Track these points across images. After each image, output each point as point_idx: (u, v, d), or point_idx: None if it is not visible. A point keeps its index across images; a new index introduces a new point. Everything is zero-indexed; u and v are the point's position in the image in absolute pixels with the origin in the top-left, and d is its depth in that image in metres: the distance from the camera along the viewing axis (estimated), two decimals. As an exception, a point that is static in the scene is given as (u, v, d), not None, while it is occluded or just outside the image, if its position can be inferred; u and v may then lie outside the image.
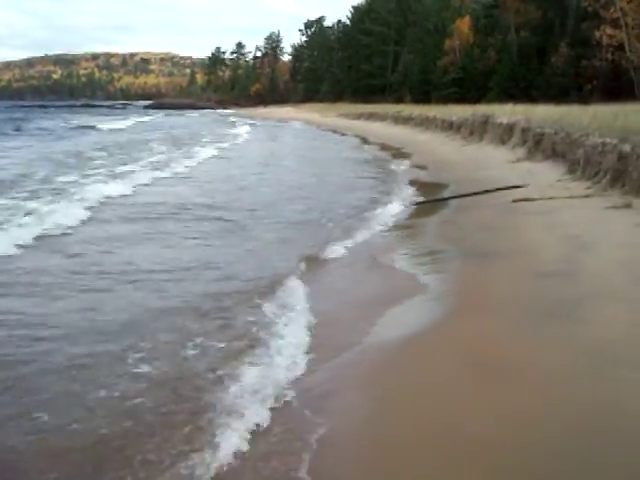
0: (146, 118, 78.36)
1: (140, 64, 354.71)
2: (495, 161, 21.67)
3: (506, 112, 27.82)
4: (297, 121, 71.69)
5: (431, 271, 9.53)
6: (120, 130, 50.61)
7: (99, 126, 54.16)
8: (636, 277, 8.00)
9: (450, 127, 34.81)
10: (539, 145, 20.71)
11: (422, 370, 6.16)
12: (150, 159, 25.86)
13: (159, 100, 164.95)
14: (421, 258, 10.34)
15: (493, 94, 48.90)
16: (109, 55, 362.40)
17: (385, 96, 75.73)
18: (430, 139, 34.65)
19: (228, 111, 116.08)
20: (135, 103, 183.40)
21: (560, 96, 38.34)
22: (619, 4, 36.62)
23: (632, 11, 36.50)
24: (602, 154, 14.74)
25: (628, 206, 11.95)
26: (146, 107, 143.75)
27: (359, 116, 61.66)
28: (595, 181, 14.60)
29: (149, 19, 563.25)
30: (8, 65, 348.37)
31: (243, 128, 57.15)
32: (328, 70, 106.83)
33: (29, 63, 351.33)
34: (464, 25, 61.29)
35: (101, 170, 21.49)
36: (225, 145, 36.34)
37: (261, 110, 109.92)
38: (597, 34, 37.62)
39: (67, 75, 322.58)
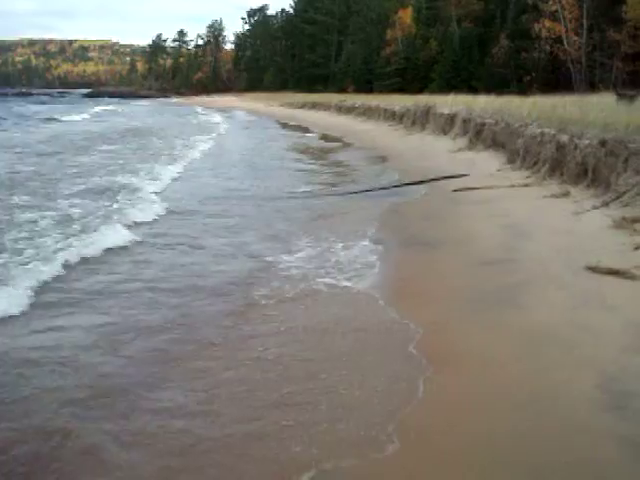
0: (97, 109, 74.79)
1: (79, 51, 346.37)
2: (437, 151, 21.81)
3: (448, 102, 28.04)
4: (242, 111, 70.96)
5: (374, 259, 9.47)
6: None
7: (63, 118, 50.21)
8: (573, 263, 8.10)
9: (393, 117, 34.94)
10: (480, 135, 20.92)
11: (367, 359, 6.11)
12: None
13: (99, 88, 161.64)
14: (363, 247, 10.28)
15: (435, 85, 49.33)
16: (46, 42, 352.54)
17: (328, 85, 75.73)
18: (373, 129, 34.69)
19: (173, 100, 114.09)
20: (74, 91, 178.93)
21: (500, 87, 38.88)
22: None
23: (569, 4, 37.22)
24: (541, 144, 14.95)
25: (566, 195, 12.14)
26: (85, 95, 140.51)
27: (302, 105, 61.49)
28: (534, 170, 14.80)
29: (89, 5, 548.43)
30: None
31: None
32: (272, 59, 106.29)
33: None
34: (406, 16, 61.65)
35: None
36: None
37: (205, 99, 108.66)
38: (536, 27, 38.24)
39: (2, 62, 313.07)
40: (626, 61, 33.96)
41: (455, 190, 14.37)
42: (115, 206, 12.95)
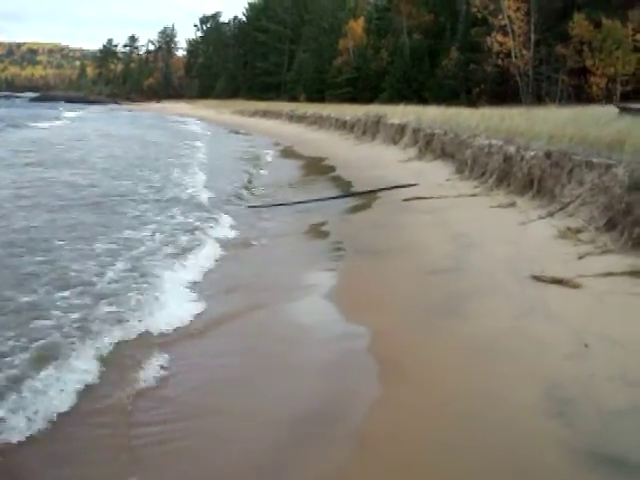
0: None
1: (27, 54, 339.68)
2: (387, 160, 21.95)
3: (398, 113, 28.28)
4: (193, 118, 70.23)
5: (322, 268, 9.47)
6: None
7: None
8: (519, 272, 8.21)
9: (344, 126, 35.11)
10: (429, 145, 21.14)
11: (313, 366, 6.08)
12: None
13: (47, 92, 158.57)
14: (312, 255, 10.27)
15: (386, 95, 49.66)
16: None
17: (280, 94, 75.74)
18: (324, 137, 34.81)
19: (123, 106, 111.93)
20: (21, 95, 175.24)
21: (450, 98, 39.38)
22: (506, 12, 37.99)
23: (518, 19, 37.91)
24: (489, 155, 15.17)
25: (512, 205, 12.31)
26: (32, 99, 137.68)
27: (254, 113, 61.43)
28: (482, 181, 15.00)
29: (38, 7, 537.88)
30: None
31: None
32: (224, 66, 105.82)
33: None
34: (358, 26, 62.00)
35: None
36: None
37: (155, 105, 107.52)
38: (489, 40, 38.86)
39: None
40: (571, 75, 34.74)
41: (405, 199, 14.45)
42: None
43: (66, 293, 7.71)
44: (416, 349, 6.36)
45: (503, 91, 38.78)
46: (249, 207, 15.12)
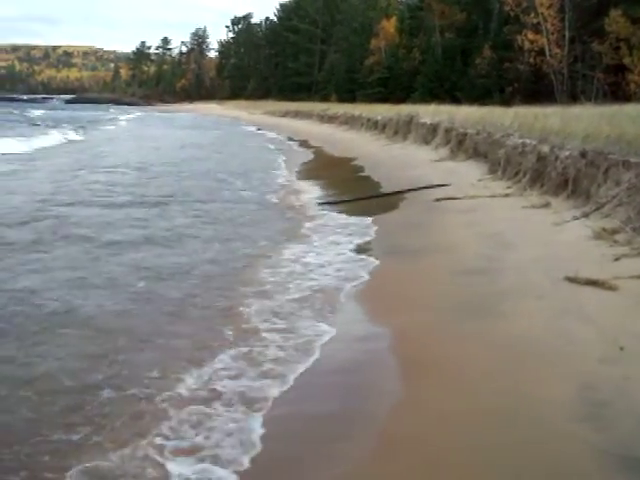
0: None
1: (62, 57, 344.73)
2: (419, 160, 21.84)
3: (430, 112, 28.12)
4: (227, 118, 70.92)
5: (356, 268, 9.45)
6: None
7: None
8: (552, 274, 8.11)
9: (375, 126, 35.00)
10: (461, 145, 20.97)
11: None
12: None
13: (82, 95, 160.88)
14: (345, 255, 10.26)
15: (418, 94, 49.43)
16: (30, 47, 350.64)
17: (311, 94, 75.82)
18: (355, 138, 34.77)
19: (158, 108, 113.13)
20: (57, 97, 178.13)
21: (483, 97, 39.08)
22: (539, 10, 37.57)
23: (551, 17, 37.49)
24: (522, 154, 14.99)
25: (546, 206, 12.16)
26: (68, 101, 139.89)
27: (285, 114, 61.58)
28: (515, 181, 14.83)
29: (73, 11, 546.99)
30: None
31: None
32: (255, 67, 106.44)
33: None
34: (390, 25, 61.83)
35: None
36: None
37: (187, 106, 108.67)
38: (519, 39, 38.48)
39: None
40: (607, 73, 34.24)
41: (436, 200, 14.37)
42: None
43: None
44: (446, 349, 6.32)
45: (537, 90, 38.35)
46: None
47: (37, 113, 74.46)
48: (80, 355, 6.19)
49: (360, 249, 10.70)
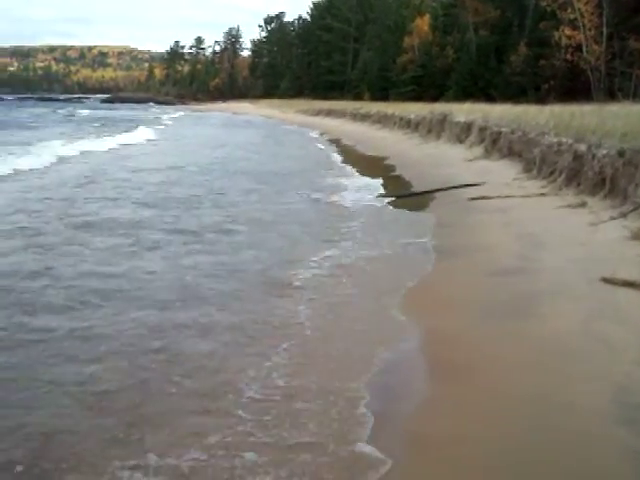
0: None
1: (98, 57, 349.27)
2: (452, 159, 21.72)
3: (464, 111, 27.93)
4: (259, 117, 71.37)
5: (389, 268, 9.41)
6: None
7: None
8: (588, 274, 8.02)
9: (408, 125, 34.84)
10: (496, 144, 20.79)
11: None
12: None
13: (117, 94, 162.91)
14: (378, 254, 10.22)
15: (451, 93, 49.17)
16: (66, 48, 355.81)
17: (344, 93, 75.74)
18: (387, 136, 34.67)
19: (192, 107, 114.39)
20: (92, 96, 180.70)
21: (518, 95, 38.73)
22: (576, 5, 37.06)
23: (589, 13, 36.97)
24: (558, 153, 14.82)
25: (582, 205, 12.01)
26: (103, 101, 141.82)
27: (318, 112, 61.60)
28: (550, 180, 14.67)
29: (108, 11, 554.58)
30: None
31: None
32: (288, 66, 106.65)
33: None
34: (423, 23, 61.54)
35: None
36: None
37: (221, 105, 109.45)
38: (556, 35, 37.99)
39: (23, 68, 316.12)
40: (646, 70, 33.70)
41: (470, 199, 14.27)
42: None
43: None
44: (480, 350, 6.28)
45: (573, 87, 37.82)
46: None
47: (84, 113, 75.89)
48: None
49: (392, 247, 10.64)
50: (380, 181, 18.89)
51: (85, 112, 78.11)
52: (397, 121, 37.67)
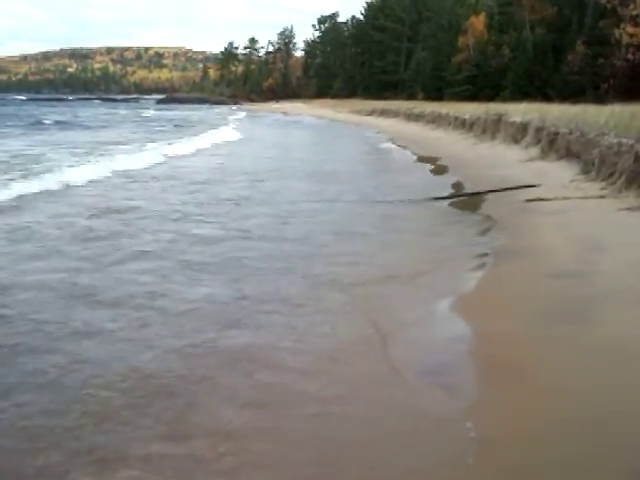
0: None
1: (154, 58, 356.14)
2: (508, 160, 21.42)
3: (520, 110, 27.52)
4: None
5: (444, 270, 9.35)
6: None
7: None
8: (650, 279, 7.81)
9: (462, 125, 34.52)
10: (553, 145, 20.42)
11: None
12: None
13: (172, 94, 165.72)
14: (434, 255, 10.16)
15: (507, 92, 48.57)
16: (123, 49, 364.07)
17: (397, 93, 75.56)
18: (441, 136, 34.45)
19: (246, 107, 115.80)
20: (148, 97, 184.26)
21: (576, 95, 37.96)
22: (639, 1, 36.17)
23: (653, 8, 36.10)
24: (618, 155, 14.47)
25: (644, 208, 11.71)
26: (159, 101, 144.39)
27: (371, 112, 61.56)
28: (610, 182, 14.33)
29: (164, 13, 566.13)
30: (25, 58, 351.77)
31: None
32: (341, 66, 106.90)
33: (45, 57, 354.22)
34: (479, 22, 60.94)
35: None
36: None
37: (274, 105, 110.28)
38: (617, 33, 37.14)
39: (82, 69, 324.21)
40: None
41: (526, 200, 14.05)
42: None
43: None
44: (534, 354, 6.14)
45: (635, 87, 36.86)
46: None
47: (149, 113, 77.57)
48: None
49: (447, 249, 10.57)
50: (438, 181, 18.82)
51: (149, 113, 79.90)
52: (451, 121, 37.37)
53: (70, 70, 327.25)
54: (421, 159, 26.12)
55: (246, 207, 14.22)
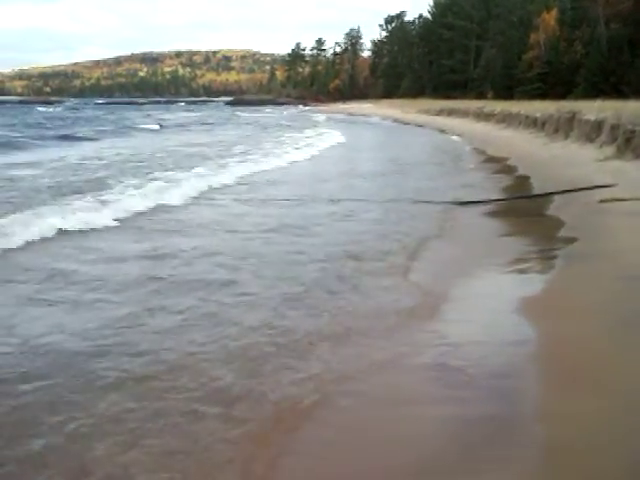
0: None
1: (222, 61, 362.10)
2: (582, 159, 20.91)
3: (594, 108, 26.82)
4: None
5: (515, 271, 9.23)
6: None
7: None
8: None
9: (534, 124, 33.85)
10: (630, 143, 19.83)
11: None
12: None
13: (240, 97, 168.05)
14: (506, 257, 10.04)
15: (580, 90, 47.41)
16: (192, 53, 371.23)
17: (466, 92, 74.67)
18: (512, 135, 33.90)
19: (314, 108, 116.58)
20: (217, 99, 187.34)
21: (654, 91, 36.81)
22: None
23: None
24: (699, 153, 13.99)
25: None
26: (227, 103, 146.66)
27: (439, 112, 61.06)
28: (691, 182, 13.87)
29: (231, 16, 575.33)
30: (97, 63, 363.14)
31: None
32: (408, 65, 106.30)
33: (117, 61, 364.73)
34: (550, 18, 59.70)
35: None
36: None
37: (342, 106, 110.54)
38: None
39: (152, 73, 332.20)
40: None
41: (602, 201, 13.70)
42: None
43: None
44: (609, 361, 5.92)
45: None
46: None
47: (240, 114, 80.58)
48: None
49: (519, 250, 10.43)
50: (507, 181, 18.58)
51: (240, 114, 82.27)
52: (522, 120, 36.68)
53: (141, 74, 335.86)
54: (490, 159, 25.82)
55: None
